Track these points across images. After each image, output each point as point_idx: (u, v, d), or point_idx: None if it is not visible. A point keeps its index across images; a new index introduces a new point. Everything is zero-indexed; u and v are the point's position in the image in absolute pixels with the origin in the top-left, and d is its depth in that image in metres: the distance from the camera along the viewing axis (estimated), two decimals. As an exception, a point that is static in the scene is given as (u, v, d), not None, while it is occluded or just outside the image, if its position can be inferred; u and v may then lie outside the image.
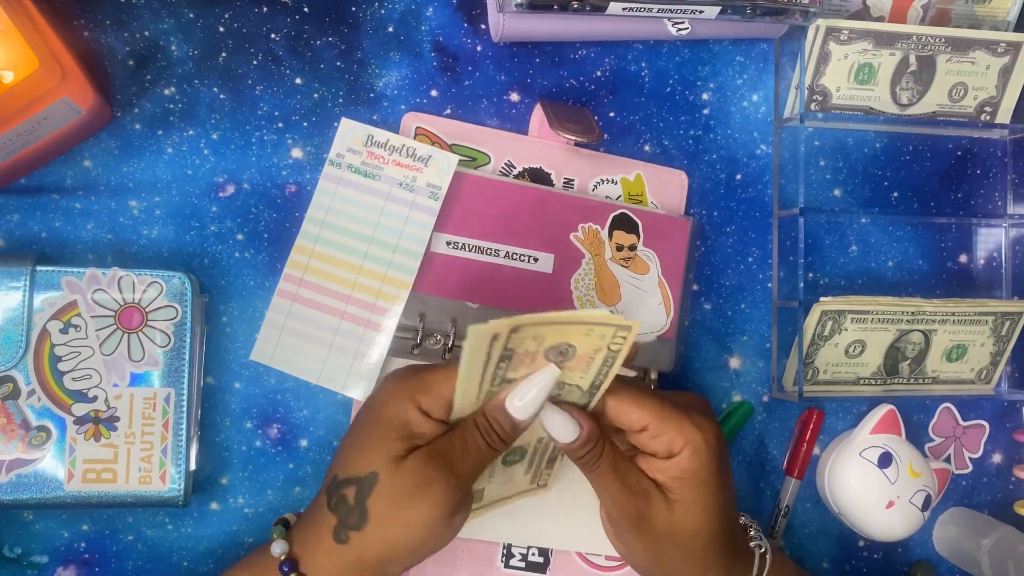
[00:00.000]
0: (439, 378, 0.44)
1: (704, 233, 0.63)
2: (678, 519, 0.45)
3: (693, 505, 0.45)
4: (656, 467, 0.45)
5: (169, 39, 0.55)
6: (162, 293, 0.51)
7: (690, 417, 0.45)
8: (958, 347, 0.65)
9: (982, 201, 0.68)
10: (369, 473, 0.43)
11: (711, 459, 0.45)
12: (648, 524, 0.45)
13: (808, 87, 0.62)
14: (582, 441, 0.44)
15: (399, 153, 0.56)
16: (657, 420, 0.44)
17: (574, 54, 0.60)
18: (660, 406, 0.44)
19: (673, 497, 0.45)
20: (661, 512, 0.45)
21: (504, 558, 0.58)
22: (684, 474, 0.44)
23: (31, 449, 0.49)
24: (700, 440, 0.44)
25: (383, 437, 0.44)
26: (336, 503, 0.44)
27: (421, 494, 0.42)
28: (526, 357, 0.43)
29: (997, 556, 0.63)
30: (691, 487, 0.45)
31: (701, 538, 0.46)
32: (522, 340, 0.42)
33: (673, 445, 0.44)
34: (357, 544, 0.43)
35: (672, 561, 0.47)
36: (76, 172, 0.54)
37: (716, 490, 0.45)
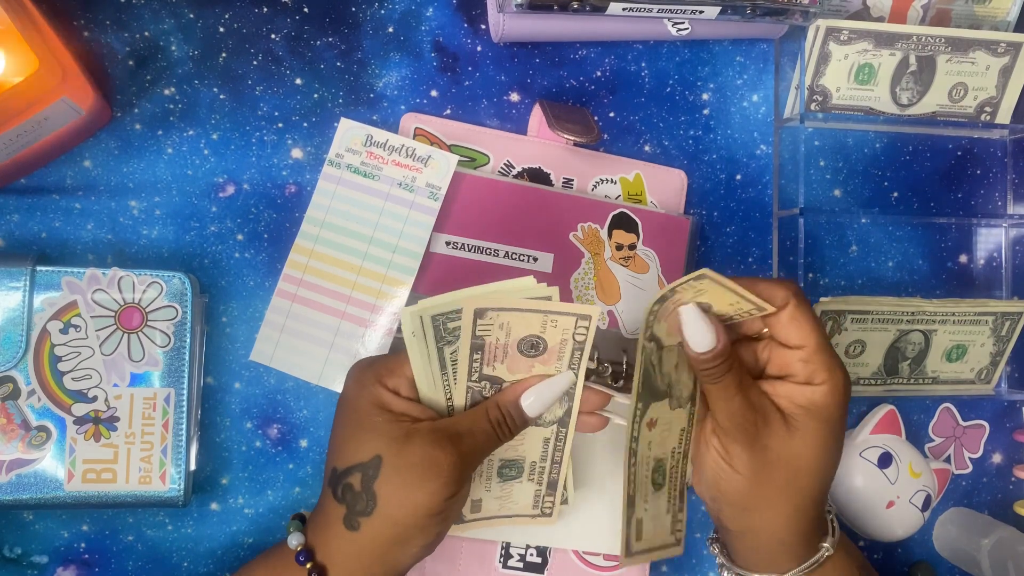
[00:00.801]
0: (401, 360, 0.45)
1: (704, 233, 0.63)
2: (794, 447, 0.45)
3: (813, 439, 0.45)
4: (786, 393, 0.45)
5: (169, 39, 0.55)
6: (162, 293, 0.51)
7: (838, 358, 0.45)
8: (958, 347, 0.65)
9: (982, 201, 0.68)
10: (373, 457, 0.43)
11: (842, 404, 0.45)
12: (762, 442, 0.45)
13: (808, 87, 0.62)
14: (716, 352, 0.44)
15: (398, 153, 0.56)
16: (815, 346, 0.44)
17: (574, 54, 0.60)
18: (824, 338, 0.45)
19: (795, 424, 0.45)
20: (779, 434, 0.45)
21: (502, 558, 0.58)
22: (814, 406, 0.44)
23: (31, 449, 0.49)
24: (842, 381, 0.45)
25: (376, 421, 0.44)
26: (343, 492, 0.44)
27: (427, 473, 0.43)
28: (499, 350, 0.45)
29: (997, 556, 0.63)
30: (816, 421, 0.45)
31: (807, 474, 0.45)
32: (489, 328, 0.43)
33: (816, 375, 0.44)
34: (368, 529, 0.44)
35: (771, 489, 0.46)
36: (76, 172, 0.54)
37: (836, 435, 0.46)
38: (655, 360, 0.46)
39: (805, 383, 0.45)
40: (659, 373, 0.47)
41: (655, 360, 0.46)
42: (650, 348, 0.46)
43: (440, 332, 0.44)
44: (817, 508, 0.47)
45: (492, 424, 0.46)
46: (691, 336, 0.44)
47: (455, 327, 0.44)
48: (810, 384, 0.45)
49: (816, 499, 0.47)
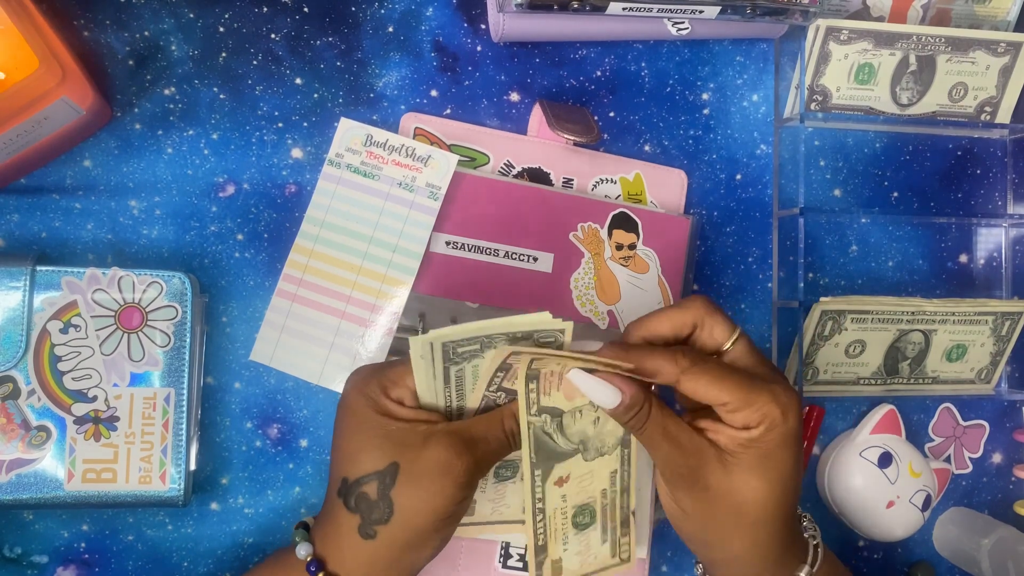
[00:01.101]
0: (403, 371, 0.45)
1: (704, 233, 0.63)
2: (733, 483, 0.44)
3: (751, 473, 0.44)
4: (722, 431, 0.44)
5: (169, 39, 0.55)
6: (162, 293, 0.51)
7: (771, 391, 0.43)
8: (958, 347, 0.65)
9: (982, 201, 0.68)
10: (389, 464, 0.43)
11: (782, 435, 0.43)
12: (702, 483, 0.44)
13: (808, 87, 0.62)
14: (625, 406, 0.43)
15: (398, 153, 0.56)
16: (738, 399, 0.43)
17: (574, 54, 0.60)
18: (739, 384, 0.43)
19: (732, 460, 0.44)
20: (717, 473, 0.44)
21: (502, 558, 0.58)
22: (750, 444, 0.44)
23: (31, 449, 0.49)
24: (778, 415, 0.43)
25: (390, 430, 0.44)
26: (357, 502, 0.44)
27: (444, 478, 0.43)
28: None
29: (997, 556, 0.63)
30: (754, 456, 0.44)
31: (755, 509, 0.44)
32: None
33: (749, 421, 0.43)
34: (385, 536, 0.43)
35: (722, 526, 0.45)
36: (76, 172, 0.54)
37: (780, 465, 0.44)
38: (552, 429, 0.46)
39: (744, 428, 0.44)
40: (562, 437, 0.46)
41: (552, 429, 0.46)
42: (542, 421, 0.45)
43: (449, 355, 0.44)
44: (779, 538, 0.46)
45: (506, 434, 0.46)
46: (593, 397, 0.44)
47: (464, 351, 0.44)
48: (748, 428, 0.44)
49: (776, 530, 0.45)
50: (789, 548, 0.47)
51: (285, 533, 0.56)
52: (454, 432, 0.44)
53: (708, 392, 0.43)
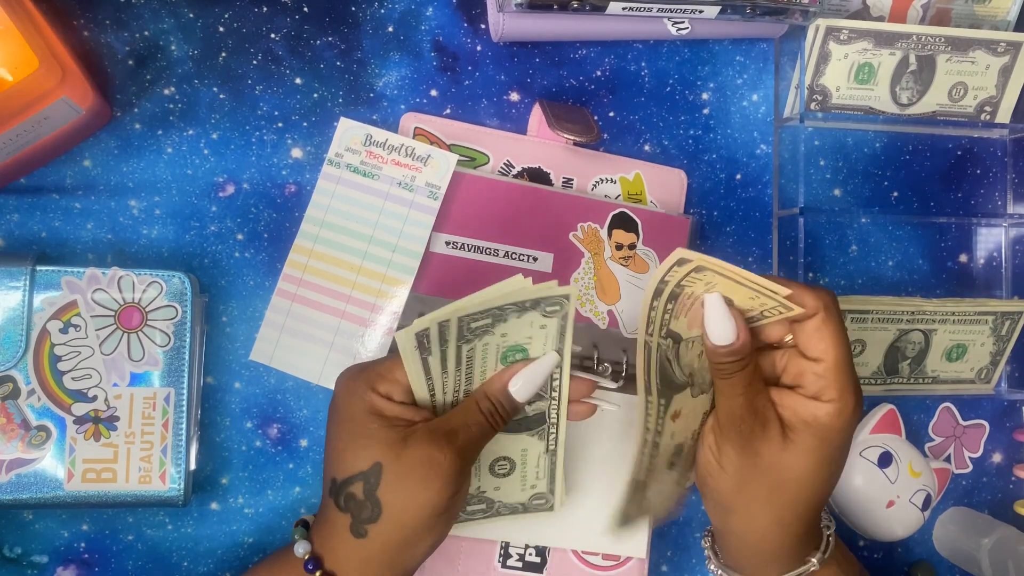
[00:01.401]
0: (391, 365, 0.45)
1: (704, 233, 0.63)
2: (785, 458, 0.44)
3: (807, 454, 0.44)
4: (792, 403, 0.44)
5: (169, 39, 0.55)
6: (162, 293, 0.51)
7: (858, 384, 0.44)
8: (958, 347, 0.65)
9: (982, 201, 0.68)
10: (372, 465, 0.43)
11: (846, 426, 0.44)
12: (753, 447, 0.45)
13: (808, 87, 0.62)
14: (734, 349, 0.43)
15: (398, 152, 0.56)
16: (833, 362, 0.43)
17: (574, 54, 0.60)
18: (845, 356, 0.44)
19: (792, 436, 0.44)
20: (773, 443, 0.44)
21: (501, 558, 0.58)
22: (816, 422, 0.44)
23: (31, 449, 0.49)
24: (852, 403, 0.44)
25: (372, 428, 0.44)
26: (346, 502, 0.44)
27: (428, 474, 0.43)
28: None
29: (997, 556, 0.63)
30: (815, 438, 0.44)
31: (793, 489, 0.45)
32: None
33: (826, 392, 0.43)
34: (376, 535, 0.44)
35: (754, 496, 0.45)
36: (76, 172, 0.54)
37: (833, 455, 0.45)
38: (671, 356, 0.46)
39: (813, 398, 0.44)
40: (678, 366, 0.46)
41: (671, 356, 0.46)
42: (666, 345, 0.45)
43: (463, 333, 0.44)
44: (803, 523, 0.46)
45: (484, 415, 0.46)
46: (712, 328, 0.43)
47: (477, 327, 0.44)
48: (817, 400, 0.44)
49: (802, 514, 0.46)
50: (807, 535, 0.47)
51: (285, 533, 0.56)
52: (433, 428, 0.44)
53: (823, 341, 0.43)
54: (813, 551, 0.47)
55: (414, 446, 0.43)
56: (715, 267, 0.41)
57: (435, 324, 0.42)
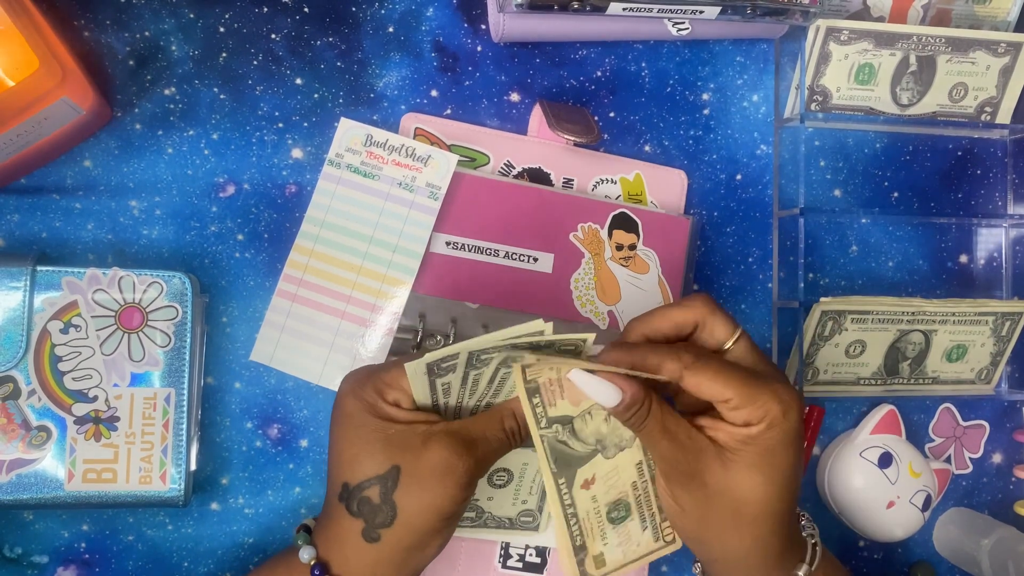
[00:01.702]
0: (397, 374, 0.45)
1: (704, 233, 0.63)
2: (732, 480, 0.44)
3: (751, 470, 0.44)
4: (722, 428, 0.44)
5: (169, 39, 0.55)
6: (162, 293, 0.51)
7: (773, 389, 0.43)
8: (958, 347, 0.65)
9: (982, 201, 0.68)
10: (390, 468, 0.43)
11: (783, 433, 0.43)
12: (700, 480, 0.44)
13: (808, 87, 0.62)
14: (626, 404, 0.43)
15: (398, 153, 0.56)
16: (740, 395, 0.43)
17: (574, 54, 0.60)
18: (742, 381, 0.43)
19: (731, 458, 0.44)
20: (715, 470, 0.44)
21: (502, 558, 0.58)
22: (751, 440, 0.43)
23: (31, 449, 0.49)
24: (779, 413, 0.43)
25: (389, 434, 0.44)
26: (359, 507, 0.44)
27: (445, 478, 0.43)
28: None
29: (997, 556, 0.63)
30: (754, 453, 0.44)
31: (753, 506, 0.44)
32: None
33: (751, 418, 0.43)
34: (389, 539, 0.44)
35: (720, 524, 0.45)
36: (76, 172, 0.54)
37: (780, 463, 0.44)
38: (566, 436, 0.46)
39: (743, 426, 0.44)
40: (578, 441, 0.47)
41: (566, 436, 0.46)
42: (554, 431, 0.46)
43: (434, 370, 0.44)
44: (779, 536, 0.46)
45: (506, 432, 0.46)
46: (595, 397, 0.43)
47: (448, 365, 0.44)
48: (750, 425, 0.44)
49: (774, 528, 0.45)
50: (788, 547, 0.47)
51: (285, 533, 0.56)
52: (453, 432, 0.44)
53: (711, 388, 0.43)
54: (799, 563, 0.47)
55: (434, 449, 0.43)
56: (546, 362, 0.42)
57: (444, 355, 0.43)
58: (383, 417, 0.45)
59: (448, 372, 0.44)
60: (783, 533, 0.46)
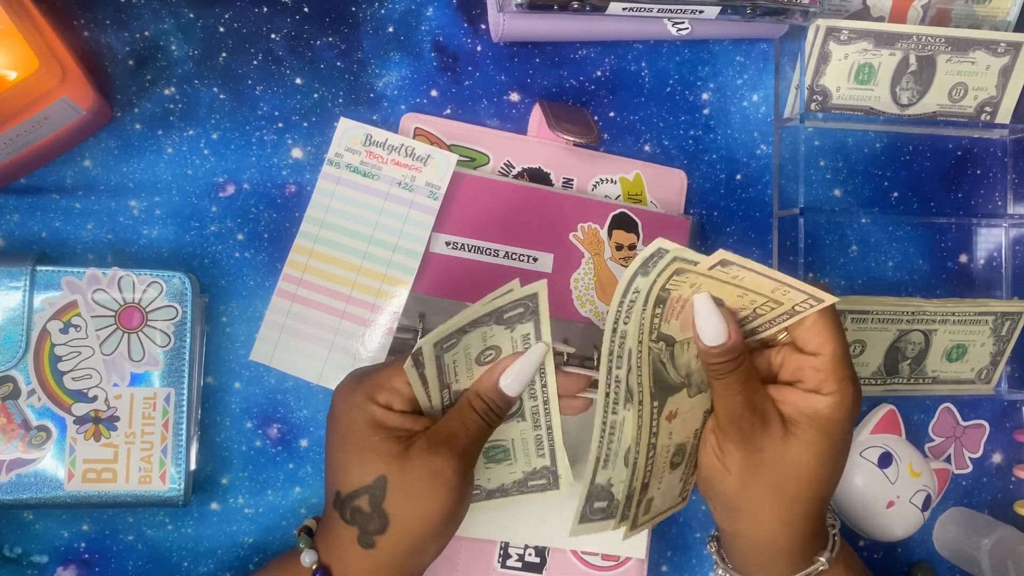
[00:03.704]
0: (389, 374, 0.45)
1: (704, 233, 0.63)
2: (788, 453, 0.44)
3: (810, 448, 0.44)
4: (792, 399, 0.45)
5: (169, 39, 0.55)
6: (162, 293, 0.51)
7: (856, 378, 0.44)
8: (958, 347, 0.65)
9: (982, 201, 0.68)
10: (377, 478, 0.43)
11: (847, 418, 0.44)
12: (756, 444, 0.45)
13: (808, 87, 0.62)
14: (726, 348, 0.43)
15: (398, 152, 0.56)
16: (831, 355, 0.43)
17: (574, 54, 0.60)
18: (844, 346, 0.44)
19: (793, 430, 0.44)
20: (776, 438, 0.44)
21: (501, 558, 0.58)
22: (817, 416, 0.44)
23: (31, 449, 0.49)
24: (852, 396, 0.44)
25: (374, 441, 0.44)
26: (352, 515, 0.44)
27: (433, 483, 0.43)
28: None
29: (997, 556, 0.63)
30: (817, 431, 0.44)
31: (799, 484, 0.45)
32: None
33: (826, 385, 0.43)
34: (384, 545, 0.44)
35: (760, 495, 0.45)
36: (76, 172, 0.54)
37: (836, 448, 0.45)
38: (665, 358, 0.46)
39: (813, 391, 0.44)
40: (673, 368, 0.46)
41: (665, 358, 0.46)
42: (658, 348, 0.45)
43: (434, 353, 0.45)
44: (812, 520, 0.46)
45: (479, 414, 0.46)
46: (703, 328, 0.44)
47: (448, 344, 0.45)
48: (817, 393, 0.44)
49: (809, 510, 0.46)
50: (813, 534, 0.47)
51: (285, 533, 0.56)
52: (433, 435, 0.44)
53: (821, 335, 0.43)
54: (821, 550, 0.47)
55: (416, 457, 0.43)
56: (703, 272, 0.42)
57: (428, 344, 0.43)
58: (372, 422, 0.44)
59: (435, 360, 0.44)
60: (814, 519, 0.46)
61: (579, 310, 0.58)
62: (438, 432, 0.45)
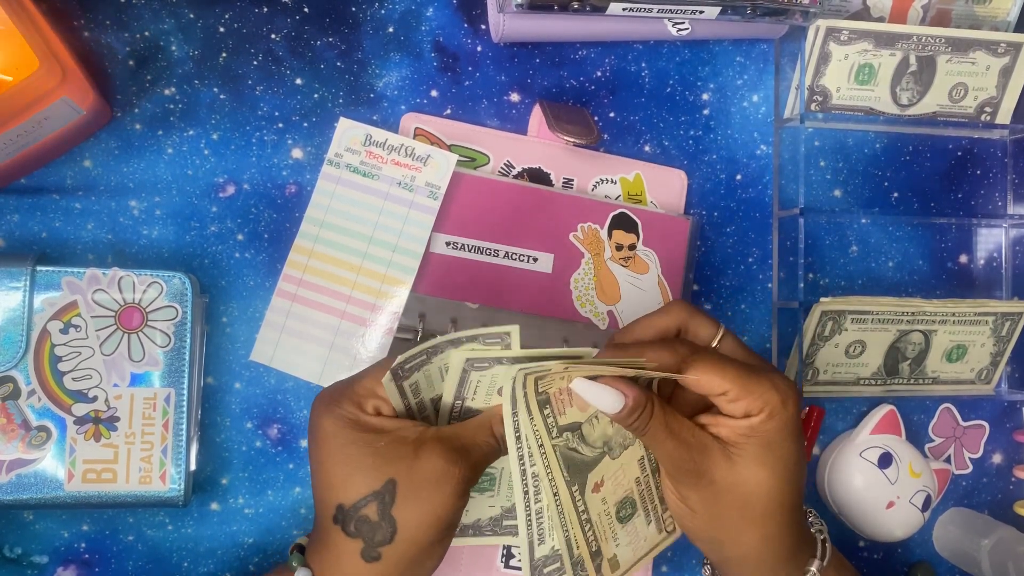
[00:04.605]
0: (369, 384, 0.44)
1: (704, 233, 0.63)
2: (739, 475, 0.44)
3: (756, 463, 0.44)
4: (723, 423, 0.44)
5: (169, 39, 0.55)
6: (162, 293, 0.51)
7: (770, 379, 0.44)
8: (958, 347, 0.65)
9: (982, 201, 0.68)
10: (386, 482, 0.42)
11: (784, 423, 0.44)
12: (707, 478, 0.44)
13: (808, 87, 0.62)
14: (629, 408, 0.43)
15: (398, 152, 0.56)
16: (738, 386, 0.43)
17: (574, 54, 0.60)
18: (740, 372, 0.43)
19: (735, 452, 0.44)
20: (721, 466, 0.44)
21: (504, 558, 0.58)
22: (753, 432, 0.44)
23: (31, 449, 0.49)
24: (778, 403, 0.43)
25: (379, 447, 0.43)
26: (357, 527, 0.43)
27: (442, 486, 0.42)
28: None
29: (997, 556, 0.63)
30: (757, 445, 0.44)
31: (762, 500, 0.44)
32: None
33: (751, 409, 0.43)
34: (390, 556, 0.43)
35: (730, 522, 0.45)
36: (76, 172, 0.54)
37: (784, 454, 0.44)
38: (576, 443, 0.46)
39: (743, 418, 0.44)
40: (587, 446, 0.46)
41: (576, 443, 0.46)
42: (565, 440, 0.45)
43: (398, 373, 0.44)
44: (791, 529, 0.46)
45: (496, 439, 0.45)
46: (598, 404, 0.43)
47: (412, 365, 0.45)
48: (750, 416, 0.44)
49: (782, 522, 0.45)
50: (799, 543, 0.47)
51: (285, 533, 0.56)
52: (445, 439, 0.44)
53: (709, 381, 0.43)
54: (810, 558, 0.47)
55: (427, 458, 0.43)
56: (553, 372, 0.42)
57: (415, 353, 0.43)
58: (368, 429, 0.43)
59: (414, 372, 0.44)
60: (794, 527, 0.46)
61: (579, 310, 0.58)
62: (451, 438, 0.44)
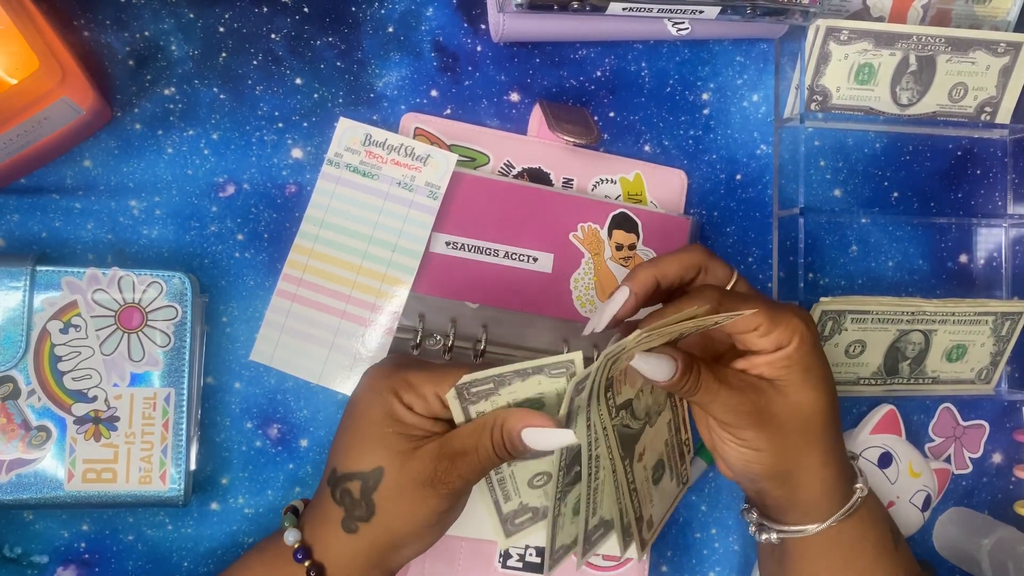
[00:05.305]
0: (423, 378, 0.44)
1: (704, 233, 0.63)
2: (793, 401, 0.46)
3: (804, 387, 0.46)
4: (761, 362, 0.46)
5: (169, 39, 0.55)
6: (162, 293, 0.51)
7: (790, 308, 0.46)
8: (958, 347, 0.65)
9: (982, 201, 0.68)
10: (374, 468, 0.43)
11: (812, 344, 0.46)
12: (767, 414, 0.46)
13: (808, 87, 0.62)
14: (681, 371, 0.44)
15: (397, 152, 0.56)
16: (767, 319, 0.45)
17: (574, 54, 0.60)
18: (766, 306, 0.45)
19: (781, 383, 0.46)
20: (776, 400, 0.46)
21: (502, 558, 0.58)
22: (791, 361, 0.45)
23: (31, 449, 0.49)
24: (803, 328, 0.46)
25: (386, 432, 0.44)
26: (341, 496, 0.44)
27: (426, 490, 0.43)
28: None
29: (997, 556, 0.63)
30: (798, 371, 0.46)
31: (819, 418, 0.47)
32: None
33: (782, 339, 0.45)
34: (366, 533, 0.44)
35: (796, 448, 0.47)
36: (76, 172, 0.54)
37: (822, 372, 0.47)
38: (627, 420, 0.47)
39: (777, 350, 0.46)
40: (635, 420, 0.48)
41: (627, 420, 0.47)
42: (620, 419, 0.46)
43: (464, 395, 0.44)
44: (842, 447, 0.49)
45: (494, 445, 0.44)
46: (654, 377, 0.44)
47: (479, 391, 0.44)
48: (780, 348, 0.46)
49: (836, 437, 0.48)
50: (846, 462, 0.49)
51: (285, 533, 0.56)
52: (442, 444, 0.44)
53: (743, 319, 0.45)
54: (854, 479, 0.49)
55: (419, 459, 0.43)
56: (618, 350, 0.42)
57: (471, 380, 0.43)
58: (390, 413, 0.44)
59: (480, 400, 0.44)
60: (840, 446, 0.49)
61: (579, 310, 0.58)
62: (450, 443, 0.44)
